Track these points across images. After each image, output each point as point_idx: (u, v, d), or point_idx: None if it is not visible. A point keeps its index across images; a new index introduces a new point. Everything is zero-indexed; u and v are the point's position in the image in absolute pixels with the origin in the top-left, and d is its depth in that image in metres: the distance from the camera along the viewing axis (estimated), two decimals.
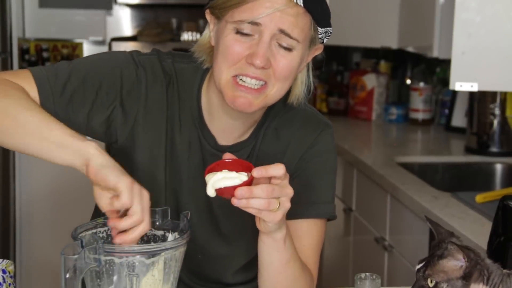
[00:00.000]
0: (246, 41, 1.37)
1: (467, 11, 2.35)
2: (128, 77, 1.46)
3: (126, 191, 1.23)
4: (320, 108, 4.19)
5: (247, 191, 1.24)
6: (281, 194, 1.28)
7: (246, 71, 1.38)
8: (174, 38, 4.41)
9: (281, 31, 1.36)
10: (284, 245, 1.38)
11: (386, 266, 2.68)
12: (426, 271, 1.26)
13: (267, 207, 1.26)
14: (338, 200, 3.25)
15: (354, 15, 3.79)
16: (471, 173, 3.00)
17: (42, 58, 4.12)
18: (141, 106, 1.47)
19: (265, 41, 1.36)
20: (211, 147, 1.52)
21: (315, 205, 1.53)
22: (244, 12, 1.35)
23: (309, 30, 1.40)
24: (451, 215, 2.16)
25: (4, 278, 1.42)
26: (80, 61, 1.50)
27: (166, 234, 1.37)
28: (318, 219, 1.54)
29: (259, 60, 1.36)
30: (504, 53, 2.36)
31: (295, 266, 1.43)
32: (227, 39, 1.38)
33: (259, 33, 1.36)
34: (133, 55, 1.50)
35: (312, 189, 1.53)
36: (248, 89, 1.39)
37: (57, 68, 1.45)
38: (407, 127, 3.79)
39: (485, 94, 3.06)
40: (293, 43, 1.38)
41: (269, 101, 1.43)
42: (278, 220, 1.30)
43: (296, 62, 1.40)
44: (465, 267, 1.24)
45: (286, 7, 1.35)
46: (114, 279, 1.26)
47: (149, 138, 1.49)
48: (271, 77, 1.39)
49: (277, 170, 1.27)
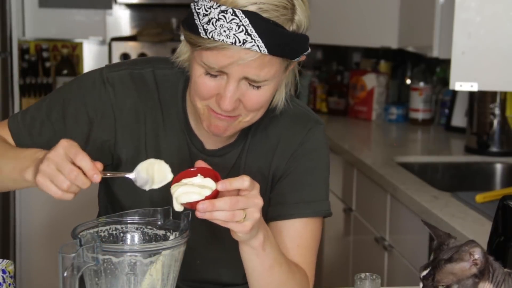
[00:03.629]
0: (215, 80, 1.35)
1: (467, 11, 2.35)
2: (93, 104, 1.48)
3: (40, 178, 1.26)
4: (320, 108, 4.19)
5: (209, 205, 1.24)
6: (247, 205, 1.27)
7: (217, 109, 1.37)
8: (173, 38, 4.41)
9: (247, 78, 1.34)
10: (264, 251, 1.37)
11: (386, 266, 2.68)
12: (434, 277, 1.25)
13: (232, 219, 1.26)
14: (338, 200, 3.25)
15: (354, 15, 3.79)
16: (471, 173, 3.00)
17: (42, 58, 4.11)
18: (117, 123, 1.49)
19: (232, 85, 1.33)
20: (199, 152, 1.51)
21: (308, 204, 1.52)
22: (211, 57, 1.32)
23: (281, 64, 1.36)
24: (451, 215, 2.16)
25: (4, 278, 1.42)
26: (51, 95, 1.54)
27: (168, 234, 1.37)
28: (313, 218, 1.53)
29: (227, 105, 1.34)
30: (504, 53, 2.36)
31: (280, 271, 1.42)
32: (197, 78, 1.36)
33: (226, 76, 1.34)
34: (102, 74, 1.50)
35: (304, 188, 1.52)
36: (222, 117, 1.38)
37: (28, 108, 1.53)
38: (407, 127, 3.79)
39: (485, 94, 3.06)
40: (262, 84, 1.35)
41: (244, 126, 1.43)
42: (247, 230, 1.28)
43: (267, 95, 1.38)
44: (481, 265, 1.24)
45: (250, 58, 1.30)
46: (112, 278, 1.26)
47: (130, 151, 1.50)
48: (242, 111, 1.38)
49: (241, 182, 1.26)
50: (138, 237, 1.38)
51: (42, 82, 4.02)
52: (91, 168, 1.25)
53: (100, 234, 1.35)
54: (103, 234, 1.36)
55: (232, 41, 1.28)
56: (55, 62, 4.18)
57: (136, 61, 1.56)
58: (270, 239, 1.39)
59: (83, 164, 1.25)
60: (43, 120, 1.50)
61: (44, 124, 1.50)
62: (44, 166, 1.26)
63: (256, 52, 1.30)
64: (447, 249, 1.28)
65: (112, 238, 1.37)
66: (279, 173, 1.53)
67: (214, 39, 1.29)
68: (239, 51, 1.30)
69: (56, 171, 1.25)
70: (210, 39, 1.30)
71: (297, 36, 1.34)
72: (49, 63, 4.12)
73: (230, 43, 1.29)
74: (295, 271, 1.46)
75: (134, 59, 1.58)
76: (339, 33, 3.89)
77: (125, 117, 1.49)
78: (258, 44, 1.29)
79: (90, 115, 1.49)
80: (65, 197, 1.26)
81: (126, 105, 1.49)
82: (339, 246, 3.30)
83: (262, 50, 1.30)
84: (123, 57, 4.21)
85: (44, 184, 1.26)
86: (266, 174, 1.53)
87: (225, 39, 1.29)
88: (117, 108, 1.49)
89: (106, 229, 1.36)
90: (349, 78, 4.12)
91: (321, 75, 4.32)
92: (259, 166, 1.53)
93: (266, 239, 1.37)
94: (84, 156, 1.26)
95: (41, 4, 4.03)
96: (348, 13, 3.82)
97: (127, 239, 1.38)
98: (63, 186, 1.25)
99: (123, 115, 1.49)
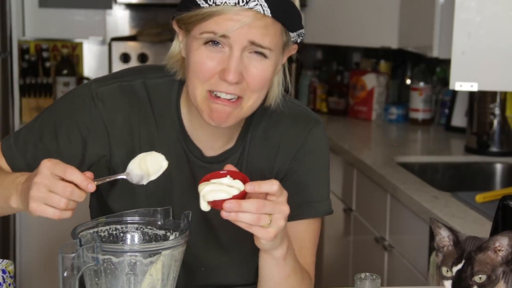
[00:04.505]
0: (217, 55, 1.34)
1: (467, 11, 2.35)
2: (85, 122, 1.47)
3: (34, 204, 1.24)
4: (320, 108, 4.19)
5: (235, 204, 1.22)
6: (274, 210, 1.25)
7: (220, 87, 1.36)
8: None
9: (252, 42, 1.33)
10: (284, 262, 1.36)
11: (386, 266, 2.68)
12: (472, 269, 1.26)
13: (257, 222, 1.23)
14: (338, 200, 3.25)
15: (354, 15, 3.79)
16: (471, 173, 3.00)
17: (42, 58, 4.11)
18: (110, 138, 1.47)
19: (236, 55, 1.33)
20: (198, 159, 1.49)
21: (311, 205, 1.51)
22: (212, 24, 1.32)
23: (281, 36, 1.37)
24: (451, 215, 2.16)
25: (4, 278, 1.42)
26: (41, 115, 1.52)
27: (168, 234, 1.37)
28: (314, 218, 1.53)
29: (231, 76, 1.33)
30: (504, 53, 2.36)
31: (296, 278, 1.42)
32: (197, 55, 1.35)
33: (229, 46, 1.33)
34: (91, 89, 1.48)
35: (307, 189, 1.52)
36: (224, 101, 1.37)
37: (19, 131, 1.52)
38: (407, 127, 3.79)
39: (485, 94, 3.06)
40: (265, 51, 1.35)
41: (246, 112, 1.41)
42: (271, 237, 1.26)
43: (270, 70, 1.38)
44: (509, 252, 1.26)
45: (254, 20, 1.31)
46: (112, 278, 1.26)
47: (125, 165, 1.47)
48: (246, 90, 1.37)
49: (270, 186, 1.25)
50: (138, 237, 1.38)
51: (42, 82, 4.01)
52: (84, 179, 1.24)
53: (100, 234, 1.35)
54: (103, 234, 1.36)
55: (235, 1, 1.30)
56: (55, 62, 4.17)
57: (125, 73, 1.53)
58: (291, 249, 1.38)
59: (74, 178, 1.24)
60: (35, 143, 1.48)
61: (37, 147, 1.48)
62: (34, 192, 1.24)
63: (259, 13, 1.31)
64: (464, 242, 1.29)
65: (112, 238, 1.37)
66: (281, 174, 1.52)
67: (216, 3, 1.31)
68: (242, 12, 1.31)
69: (49, 193, 1.23)
70: (212, 4, 1.31)
71: (295, 7, 1.37)
72: (49, 63, 4.12)
73: (233, 3, 1.30)
74: (305, 277, 1.47)
75: (122, 70, 1.55)
76: (339, 33, 3.89)
77: (118, 131, 1.47)
78: (261, 3, 1.31)
79: (82, 133, 1.47)
80: (64, 216, 1.25)
81: (118, 119, 1.47)
82: (339, 246, 3.30)
83: (265, 10, 1.31)
84: (123, 57, 4.21)
85: (38, 209, 1.24)
86: (268, 177, 1.51)
87: (228, 1, 1.30)
88: (109, 123, 1.47)
89: (106, 229, 1.36)
90: (349, 78, 4.12)
91: (321, 75, 4.32)
92: (261, 168, 1.52)
93: (288, 250, 1.36)
94: (73, 169, 1.25)
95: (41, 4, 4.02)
96: (348, 13, 3.82)
97: (127, 239, 1.38)
98: (60, 205, 1.24)
99: (116, 129, 1.47)
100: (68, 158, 1.44)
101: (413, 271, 2.43)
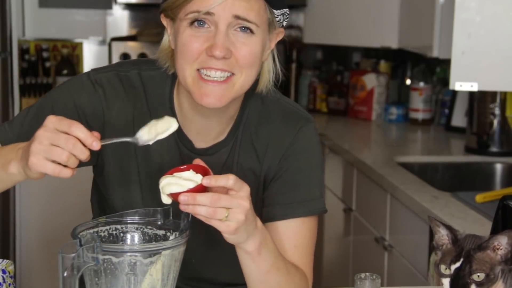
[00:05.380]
0: (203, 34, 1.36)
1: (467, 11, 2.35)
2: (83, 104, 1.47)
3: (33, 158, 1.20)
4: (320, 108, 4.19)
5: (190, 197, 1.22)
6: (231, 204, 1.24)
7: (208, 64, 1.36)
8: None
9: (237, 17, 1.35)
10: (259, 256, 1.35)
11: (386, 266, 2.68)
12: (471, 267, 1.26)
13: (213, 216, 1.24)
14: (338, 200, 3.25)
15: (354, 15, 3.79)
16: (471, 173, 3.00)
17: (42, 58, 4.11)
18: (105, 124, 1.48)
19: (222, 31, 1.35)
20: (189, 151, 1.51)
21: (303, 204, 1.51)
22: (195, 5, 1.34)
23: (265, 13, 1.39)
24: (451, 215, 2.16)
25: (4, 278, 1.42)
26: (38, 101, 1.52)
27: (168, 234, 1.37)
28: (308, 217, 1.52)
29: (218, 51, 1.34)
30: (504, 53, 2.36)
31: (278, 274, 1.40)
32: (184, 36, 1.37)
33: (214, 24, 1.35)
34: (90, 76, 1.50)
35: (298, 188, 1.51)
36: (215, 82, 1.37)
37: (13, 118, 1.51)
38: (407, 127, 3.79)
39: (485, 94, 3.06)
40: (251, 26, 1.36)
41: (238, 91, 1.41)
42: (231, 231, 1.26)
43: (257, 47, 1.39)
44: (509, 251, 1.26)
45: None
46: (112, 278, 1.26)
47: (117, 153, 1.50)
48: (235, 66, 1.38)
49: (226, 180, 1.25)
50: (138, 237, 1.38)
51: (42, 82, 4.01)
52: (89, 135, 1.21)
53: (100, 234, 1.35)
54: (103, 234, 1.36)
55: None
56: (55, 62, 4.17)
57: (121, 63, 1.55)
58: (268, 244, 1.37)
59: (79, 134, 1.20)
60: (31, 123, 1.47)
61: (33, 127, 1.44)
62: (35, 145, 1.20)
63: None
64: (463, 240, 1.29)
65: (112, 238, 1.37)
66: (272, 173, 1.52)
67: None
68: None
69: (51, 146, 1.20)
70: None
71: None
72: (49, 63, 4.12)
73: None
74: (294, 274, 1.46)
75: (118, 62, 1.57)
76: (339, 33, 3.89)
77: (113, 118, 1.49)
78: None
79: (80, 115, 1.47)
80: (63, 173, 1.21)
81: (115, 106, 1.49)
82: (339, 246, 3.30)
83: None
84: (123, 57, 4.21)
85: (38, 164, 1.20)
86: (258, 174, 1.52)
87: None
88: (107, 108, 1.48)
89: (106, 229, 1.36)
90: (349, 78, 4.12)
91: (321, 75, 4.32)
92: (251, 164, 1.52)
93: (262, 245, 1.35)
94: (78, 125, 1.21)
95: (41, 4, 4.02)
96: (348, 13, 3.82)
97: (127, 239, 1.38)
98: (62, 157, 1.19)
99: (112, 116, 1.49)
100: None
101: (413, 271, 2.43)
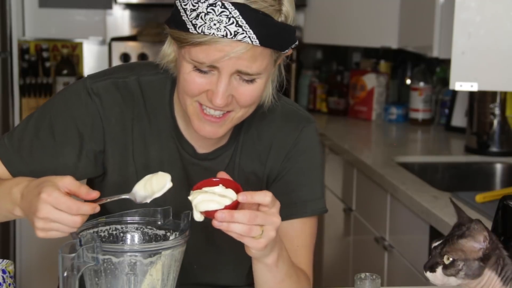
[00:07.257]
0: (205, 77, 1.34)
1: (467, 11, 2.35)
2: (81, 116, 1.46)
3: (43, 234, 1.25)
4: (320, 108, 4.19)
5: (228, 215, 1.22)
6: (265, 222, 1.25)
7: (208, 103, 1.36)
8: None
9: (239, 72, 1.32)
10: (277, 268, 1.36)
11: (386, 266, 2.68)
12: (444, 248, 1.26)
13: (248, 233, 1.24)
14: (338, 200, 3.25)
15: (354, 15, 3.79)
16: (471, 173, 3.00)
17: (42, 58, 4.11)
18: (105, 134, 1.47)
19: (224, 81, 1.32)
20: (190, 156, 1.50)
21: (305, 204, 1.51)
22: (200, 53, 1.31)
23: (271, 57, 1.36)
24: (451, 215, 2.16)
25: (4, 278, 1.42)
26: (35, 114, 1.51)
27: (168, 234, 1.37)
28: (310, 217, 1.53)
29: (219, 101, 1.33)
30: (504, 53, 2.36)
31: (290, 281, 1.42)
32: (186, 74, 1.35)
33: (217, 71, 1.32)
34: (86, 85, 1.48)
35: (300, 188, 1.52)
36: (213, 118, 1.37)
37: (13, 131, 1.50)
38: (407, 127, 3.79)
39: (485, 94, 3.06)
40: (255, 77, 1.34)
41: (236, 122, 1.42)
42: (261, 247, 1.27)
43: (260, 89, 1.37)
44: (486, 248, 1.25)
45: (242, 51, 1.29)
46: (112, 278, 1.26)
47: (116, 161, 1.49)
48: (235, 106, 1.37)
49: (263, 197, 1.25)
50: (138, 237, 1.38)
51: (42, 82, 4.01)
52: (90, 209, 1.24)
53: (100, 234, 1.35)
54: (103, 234, 1.36)
55: (223, 33, 1.27)
56: (55, 62, 4.17)
57: (119, 69, 1.53)
58: (283, 255, 1.38)
59: (82, 211, 1.24)
60: (31, 139, 1.46)
61: (33, 144, 1.46)
62: (38, 222, 1.24)
63: (248, 44, 1.29)
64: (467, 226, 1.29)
65: (112, 238, 1.37)
66: (274, 174, 1.53)
67: (204, 33, 1.28)
68: (230, 44, 1.29)
69: (54, 223, 1.23)
70: (200, 33, 1.28)
71: (286, 26, 1.34)
72: (49, 63, 4.12)
73: (221, 35, 1.28)
74: (301, 279, 1.47)
75: (116, 67, 1.55)
76: (339, 33, 3.89)
77: (112, 127, 1.47)
78: (250, 35, 1.28)
79: (80, 129, 1.46)
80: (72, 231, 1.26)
81: (113, 115, 1.47)
82: (339, 246, 3.30)
83: (254, 41, 1.29)
84: (123, 57, 4.21)
85: (45, 236, 1.25)
86: (260, 176, 1.52)
87: (216, 32, 1.27)
88: (105, 118, 1.47)
89: (106, 229, 1.36)
90: (349, 78, 4.11)
91: (321, 75, 4.32)
92: (253, 167, 1.52)
93: (280, 256, 1.36)
94: (76, 202, 1.24)
95: (41, 4, 4.03)
96: (348, 13, 3.82)
97: (127, 239, 1.38)
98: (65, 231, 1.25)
99: (111, 125, 1.47)
100: (65, 154, 1.44)
101: (413, 271, 2.43)
